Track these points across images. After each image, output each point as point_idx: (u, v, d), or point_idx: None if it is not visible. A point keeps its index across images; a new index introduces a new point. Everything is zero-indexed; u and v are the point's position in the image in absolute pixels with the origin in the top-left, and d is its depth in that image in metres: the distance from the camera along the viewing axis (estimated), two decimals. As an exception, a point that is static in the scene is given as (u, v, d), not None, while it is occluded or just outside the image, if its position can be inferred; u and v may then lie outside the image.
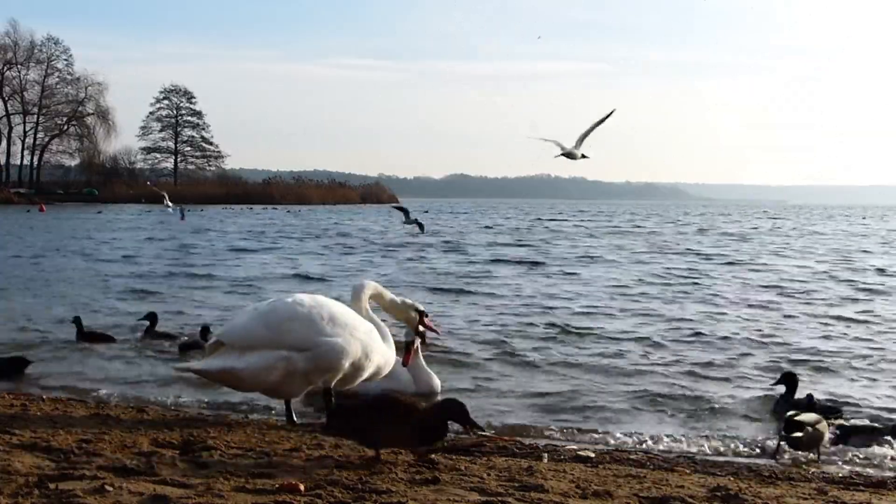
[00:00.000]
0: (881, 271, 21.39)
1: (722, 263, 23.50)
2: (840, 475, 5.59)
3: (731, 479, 5.09)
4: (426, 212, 64.25)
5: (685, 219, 69.92)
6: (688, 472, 5.33)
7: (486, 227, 48.27)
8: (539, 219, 63.63)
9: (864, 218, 78.37)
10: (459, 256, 25.16)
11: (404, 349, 7.03)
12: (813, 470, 5.73)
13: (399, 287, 14.64)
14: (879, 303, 15.17)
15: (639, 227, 50.71)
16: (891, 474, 5.68)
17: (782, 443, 6.16)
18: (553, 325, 11.89)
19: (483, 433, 5.35)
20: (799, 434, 6.04)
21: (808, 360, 9.62)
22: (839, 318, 13.07)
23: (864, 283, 18.44)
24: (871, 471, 5.87)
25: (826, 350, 10.29)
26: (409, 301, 7.18)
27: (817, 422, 6.13)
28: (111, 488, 4.00)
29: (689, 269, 21.60)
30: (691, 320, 12.65)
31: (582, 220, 61.14)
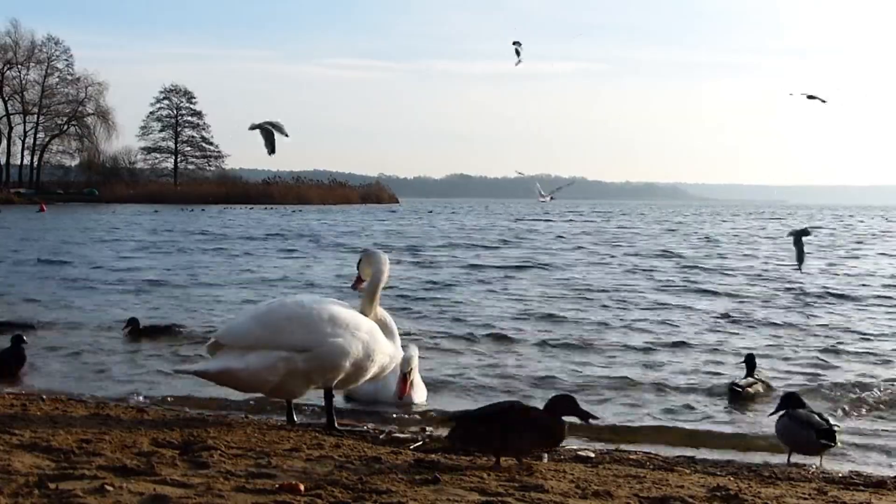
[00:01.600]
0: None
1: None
2: (840, 475, 5.59)
3: (731, 479, 5.09)
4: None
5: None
6: (688, 472, 5.33)
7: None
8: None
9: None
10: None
11: (399, 380, 6.68)
12: (813, 470, 5.73)
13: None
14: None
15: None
16: (891, 474, 5.68)
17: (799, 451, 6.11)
18: (547, 322, 11.91)
19: (597, 421, 5.37)
20: (835, 444, 6.03)
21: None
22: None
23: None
24: (871, 471, 5.87)
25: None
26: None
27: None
28: (111, 488, 4.00)
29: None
30: (690, 319, 12.67)
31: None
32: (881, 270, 21.52)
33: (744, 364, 8.32)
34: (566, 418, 4.90)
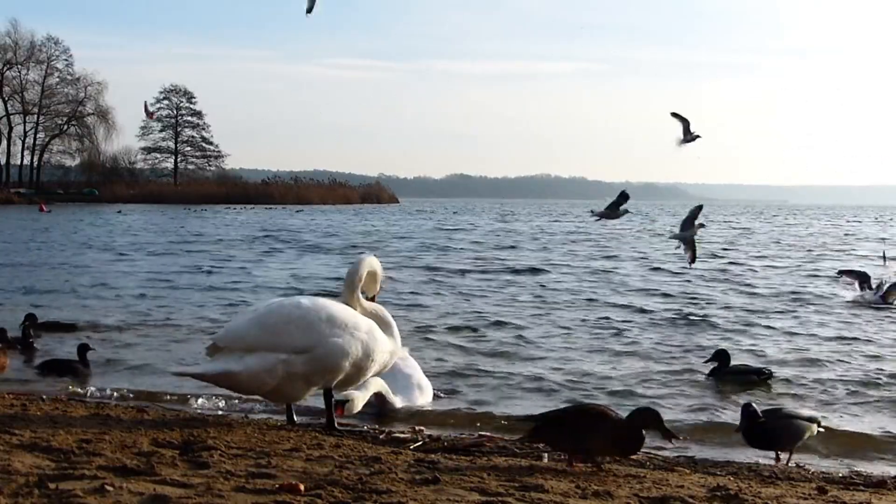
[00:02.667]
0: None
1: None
2: (840, 475, 5.59)
3: (731, 479, 5.08)
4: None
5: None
6: (688, 472, 5.33)
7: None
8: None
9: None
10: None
11: (335, 406, 6.21)
12: (813, 470, 5.73)
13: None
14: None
15: None
16: (891, 474, 5.68)
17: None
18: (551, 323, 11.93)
19: (678, 441, 5.48)
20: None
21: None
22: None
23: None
24: (871, 471, 5.87)
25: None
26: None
27: None
28: (111, 488, 4.00)
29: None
30: (688, 316, 12.67)
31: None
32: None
33: (713, 359, 8.43)
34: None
